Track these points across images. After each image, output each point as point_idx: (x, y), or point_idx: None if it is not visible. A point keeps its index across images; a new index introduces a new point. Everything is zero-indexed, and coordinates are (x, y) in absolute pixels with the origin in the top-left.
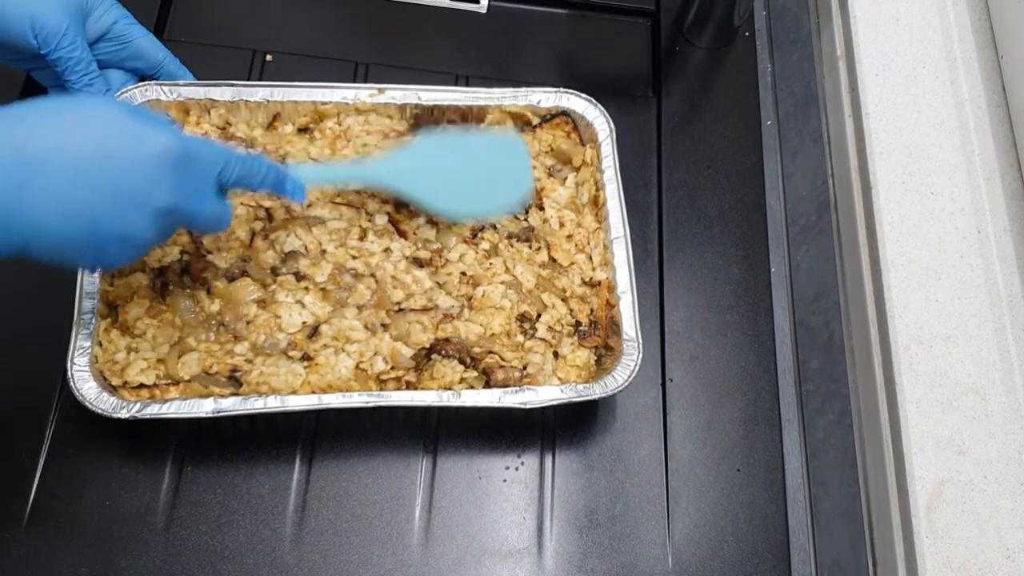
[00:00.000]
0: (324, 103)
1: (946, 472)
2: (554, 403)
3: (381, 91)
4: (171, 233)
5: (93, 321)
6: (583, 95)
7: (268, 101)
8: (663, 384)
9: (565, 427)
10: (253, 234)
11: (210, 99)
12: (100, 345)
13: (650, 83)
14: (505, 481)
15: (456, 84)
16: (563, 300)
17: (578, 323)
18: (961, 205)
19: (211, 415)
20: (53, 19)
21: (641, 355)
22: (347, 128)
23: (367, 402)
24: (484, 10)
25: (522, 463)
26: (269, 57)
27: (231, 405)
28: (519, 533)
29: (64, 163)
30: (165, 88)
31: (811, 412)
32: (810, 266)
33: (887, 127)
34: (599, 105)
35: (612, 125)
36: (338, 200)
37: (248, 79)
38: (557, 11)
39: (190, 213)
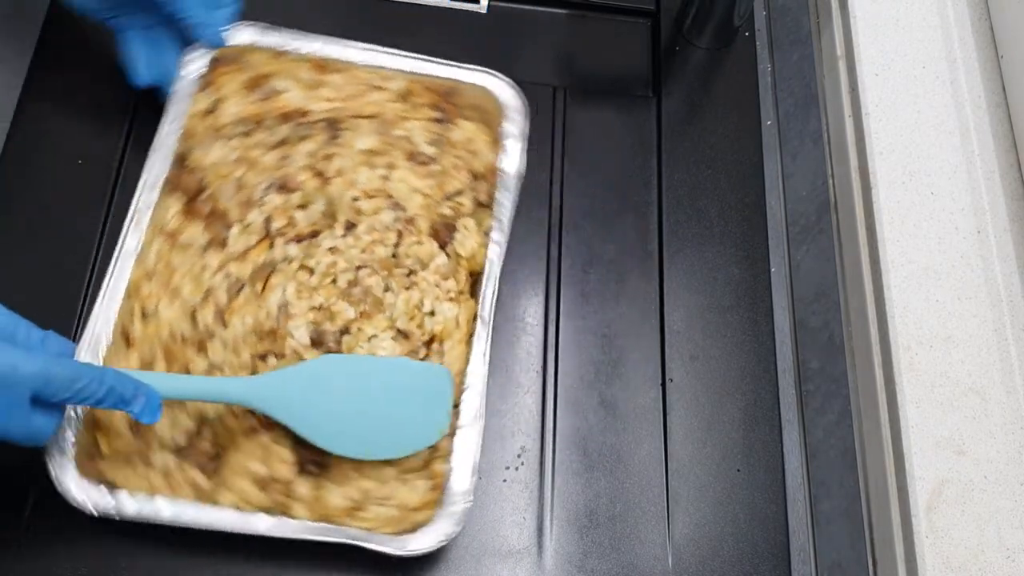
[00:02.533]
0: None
1: (946, 472)
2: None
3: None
4: None
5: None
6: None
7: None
8: (663, 384)
9: (565, 427)
10: None
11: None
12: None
13: (650, 83)
14: (505, 481)
15: None
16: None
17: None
18: (961, 205)
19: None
20: None
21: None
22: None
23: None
24: (484, 10)
25: (522, 463)
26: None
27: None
28: (519, 533)
29: None
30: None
31: (811, 412)
32: (810, 266)
33: (887, 127)
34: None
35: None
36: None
37: None
38: (557, 11)
39: None
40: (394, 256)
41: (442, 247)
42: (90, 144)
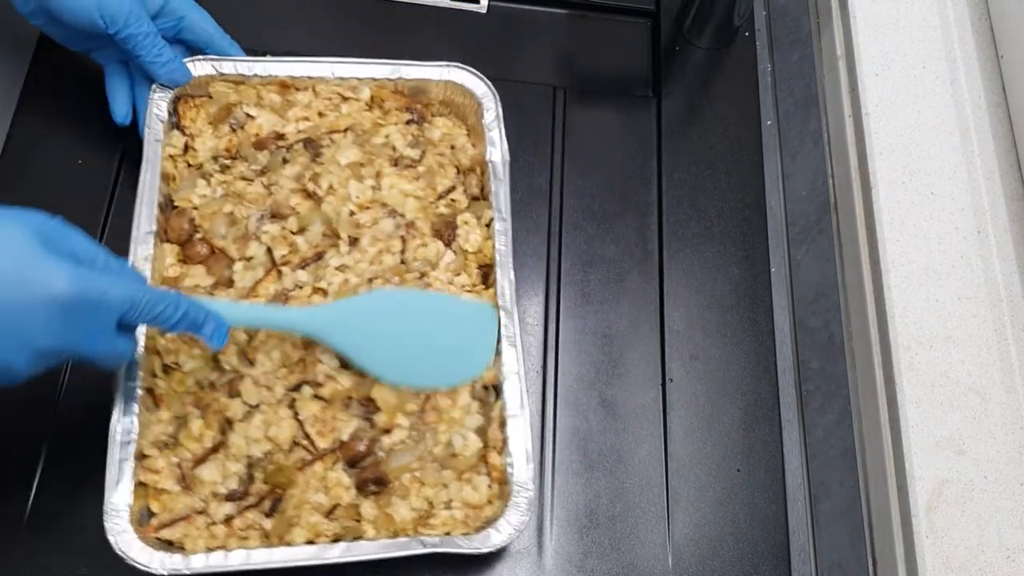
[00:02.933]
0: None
1: (946, 472)
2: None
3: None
4: (56, 364)
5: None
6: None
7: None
8: (663, 384)
9: (565, 427)
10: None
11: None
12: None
13: (650, 83)
14: None
15: None
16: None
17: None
18: (961, 205)
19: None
20: (117, 1)
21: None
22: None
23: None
24: (484, 10)
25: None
26: (268, 58)
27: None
28: (519, 533)
29: None
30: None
31: (811, 412)
32: (810, 266)
33: (887, 127)
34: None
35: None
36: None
37: None
38: (557, 11)
39: (79, 354)
40: (403, 262)
41: (447, 245)
42: (90, 144)
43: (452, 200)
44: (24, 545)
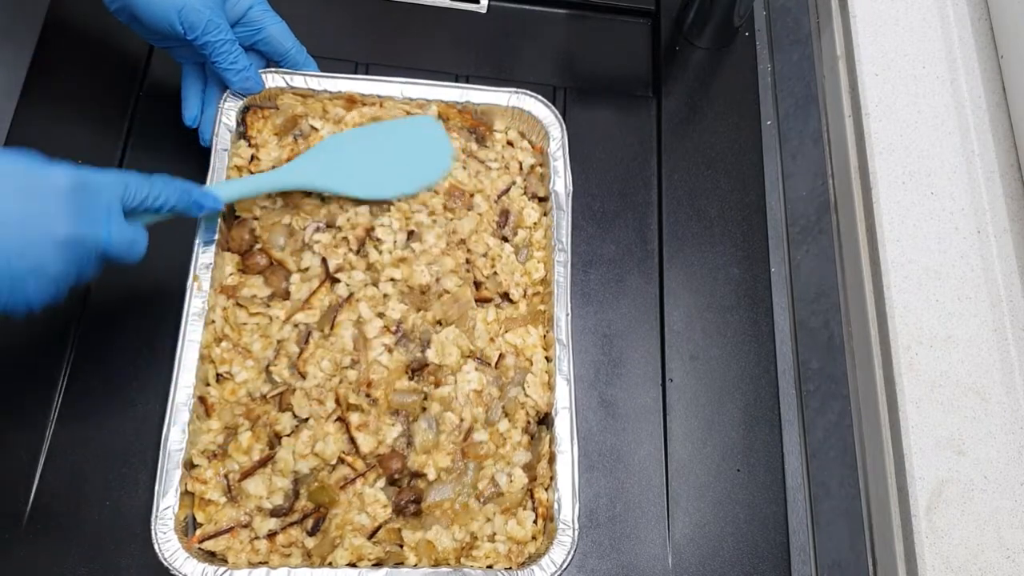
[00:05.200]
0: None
1: (946, 472)
2: None
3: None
4: (89, 267)
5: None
6: (539, 97)
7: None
8: (663, 384)
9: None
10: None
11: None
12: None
13: (650, 83)
14: None
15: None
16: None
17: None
18: (961, 205)
19: None
20: (197, 7)
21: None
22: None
23: None
24: (484, 10)
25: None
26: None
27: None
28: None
29: None
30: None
31: (811, 412)
32: (810, 266)
33: (887, 127)
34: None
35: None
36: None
37: None
38: (557, 11)
39: (96, 240)
40: (461, 238)
41: (504, 239)
42: (90, 143)
43: (510, 196)
44: (24, 545)
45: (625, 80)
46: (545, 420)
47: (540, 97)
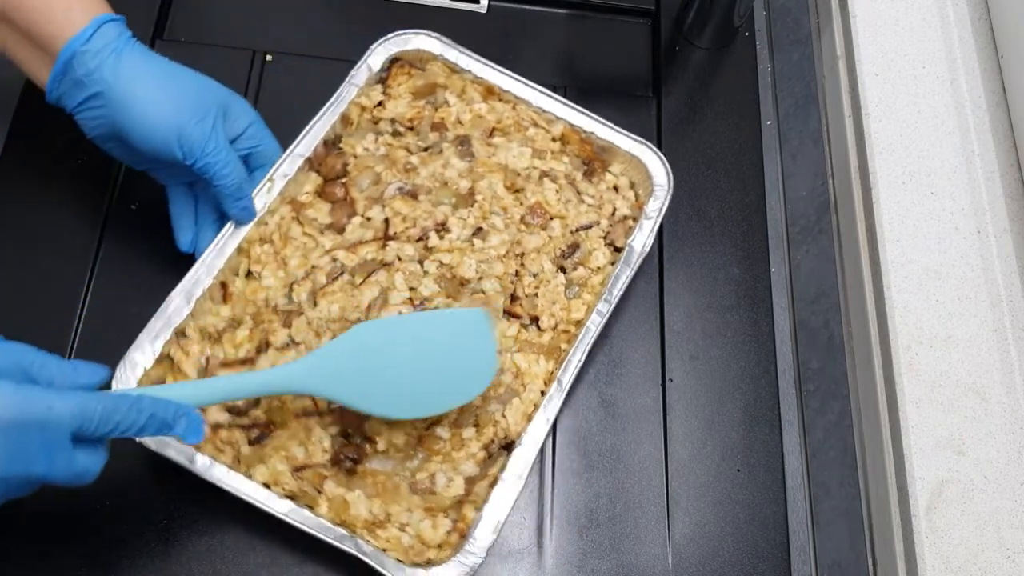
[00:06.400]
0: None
1: (946, 472)
2: None
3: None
4: (26, 490)
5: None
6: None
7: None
8: (663, 384)
9: (565, 427)
10: None
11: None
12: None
13: (650, 83)
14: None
15: None
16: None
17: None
18: (961, 205)
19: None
20: (199, 129)
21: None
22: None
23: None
24: (484, 10)
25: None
26: (269, 57)
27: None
28: (519, 533)
29: None
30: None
31: (811, 412)
32: (810, 266)
33: (887, 127)
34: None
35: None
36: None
37: (248, 79)
38: (557, 11)
39: (29, 475)
40: (515, 274)
41: (562, 270)
42: (90, 142)
43: (587, 234)
44: (24, 545)
45: (625, 80)
46: (509, 448)
47: (661, 155)
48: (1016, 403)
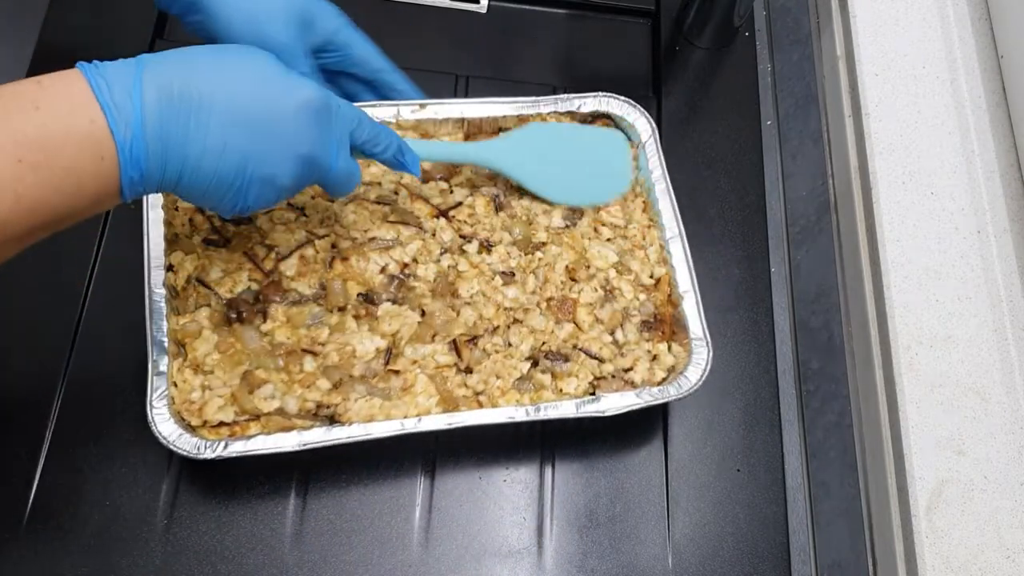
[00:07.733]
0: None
1: (946, 472)
2: (630, 409)
3: (422, 107)
4: (304, 186)
5: (166, 361)
6: (622, 97)
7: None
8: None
9: (565, 426)
10: (332, 260)
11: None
12: (176, 386)
13: (650, 83)
14: (505, 481)
15: (456, 84)
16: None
17: (643, 320)
18: (961, 205)
19: (296, 448)
20: (279, 39)
21: (711, 354)
22: None
23: (450, 424)
24: (484, 10)
25: (522, 463)
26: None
27: (316, 437)
28: (519, 533)
29: (224, 104)
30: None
31: (811, 412)
32: (810, 266)
33: (887, 127)
34: (639, 106)
35: (654, 125)
36: (392, 219)
37: None
38: (557, 11)
39: (326, 165)
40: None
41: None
42: None
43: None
44: (24, 545)
45: (625, 80)
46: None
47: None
48: (1016, 403)
